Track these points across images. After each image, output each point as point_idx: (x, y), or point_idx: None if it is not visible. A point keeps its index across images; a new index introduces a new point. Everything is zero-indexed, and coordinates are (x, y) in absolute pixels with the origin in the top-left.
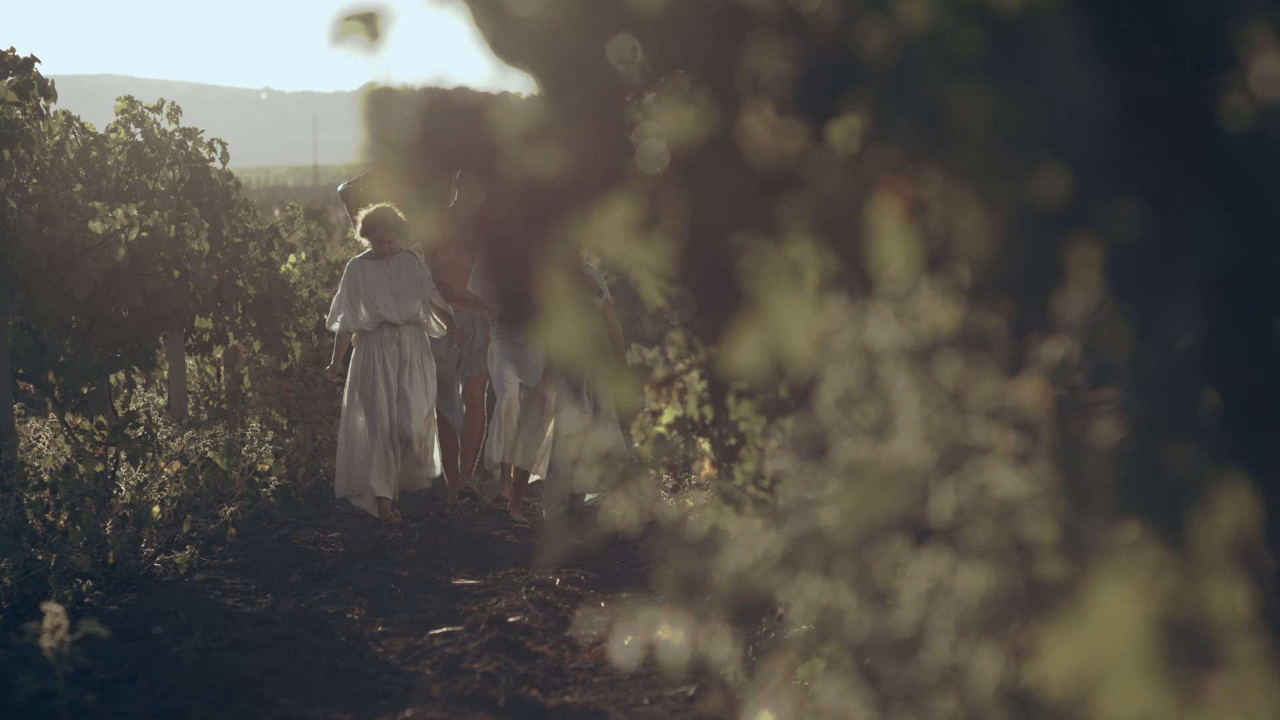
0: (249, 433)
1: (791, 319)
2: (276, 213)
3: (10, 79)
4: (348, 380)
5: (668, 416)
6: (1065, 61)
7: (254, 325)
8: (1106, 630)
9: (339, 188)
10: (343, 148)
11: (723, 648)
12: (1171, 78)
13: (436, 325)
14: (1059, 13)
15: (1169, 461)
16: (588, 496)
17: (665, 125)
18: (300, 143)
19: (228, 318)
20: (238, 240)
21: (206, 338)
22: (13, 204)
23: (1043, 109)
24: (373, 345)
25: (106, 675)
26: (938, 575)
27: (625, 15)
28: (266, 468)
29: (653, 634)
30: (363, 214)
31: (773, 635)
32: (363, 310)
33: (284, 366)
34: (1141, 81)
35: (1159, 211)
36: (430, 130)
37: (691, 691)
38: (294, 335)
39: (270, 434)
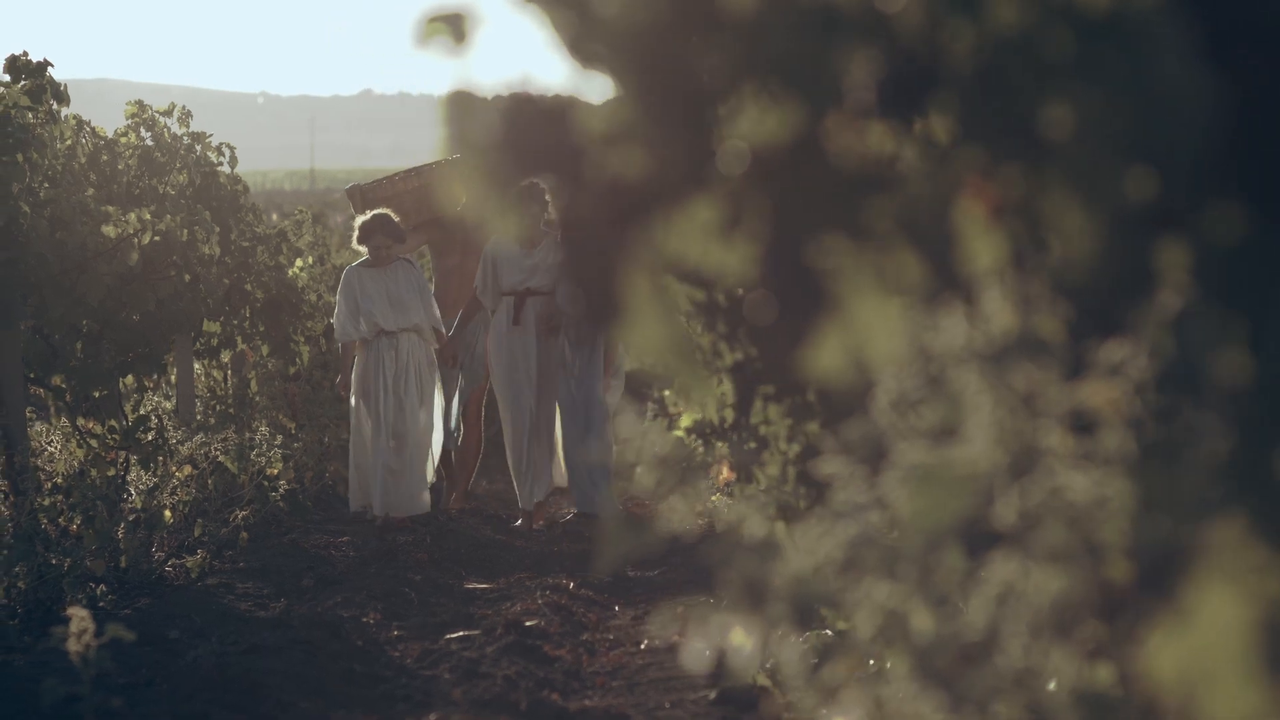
0: (258, 437)
1: (873, 321)
2: (275, 216)
3: (23, 83)
4: (353, 393)
5: (686, 420)
6: (1163, 62)
7: (262, 329)
8: (1209, 633)
9: (347, 187)
10: (339, 151)
11: (789, 651)
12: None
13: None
14: (1154, 13)
15: (1276, 466)
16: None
17: (749, 127)
18: (297, 146)
19: (235, 322)
20: (245, 244)
21: (214, 342)
22: (26, 208)
23: (1140, 110)
24: (371, 355)
25: (125, 679)
26: (1009, 578)
27: (712, 17)
28: (275, 472)
29: (722, 637)
30: (360, 220)
31: (833, 639)
32: (361, 320)
33: (291, 371)
34: (1246, 82)
35: (1263, 214)
36: (513, 133)
37: (713, 695)
38: (302, 340)
39: (280, 438)
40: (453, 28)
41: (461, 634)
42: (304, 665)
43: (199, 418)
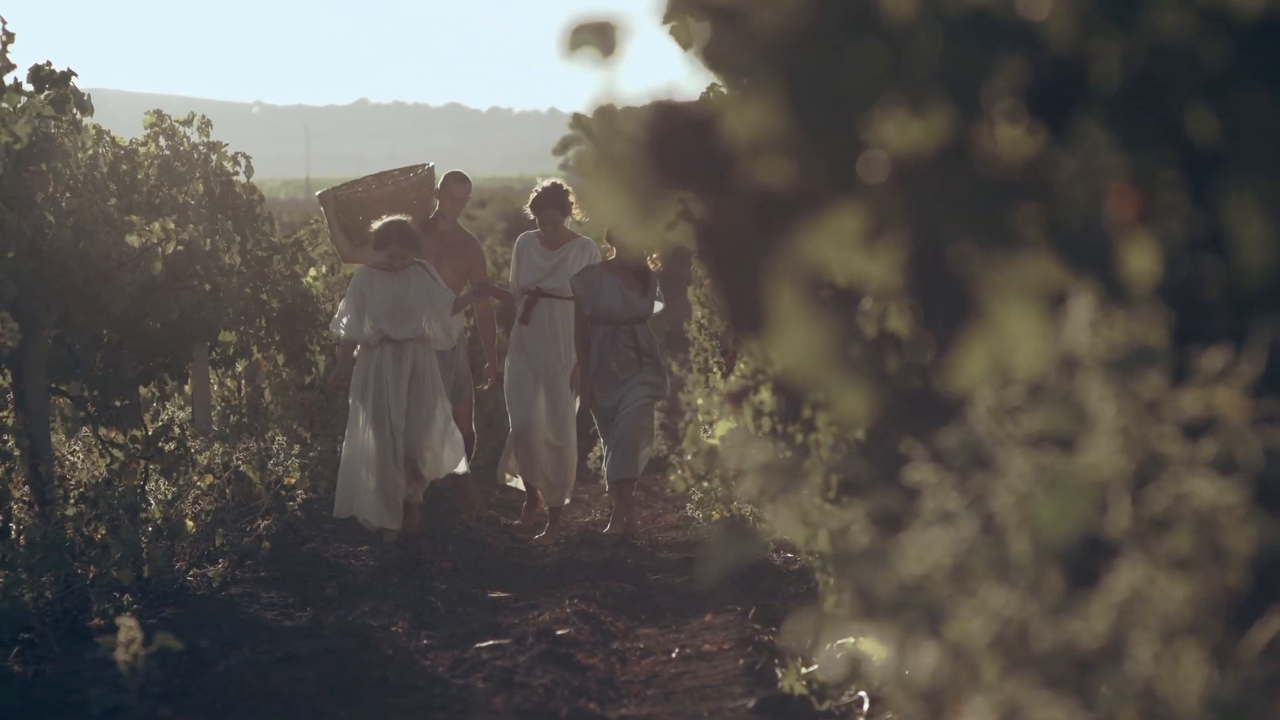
0: (275, 446)
1: (1017, 329)
2: (275, 225)
3: (47, 92)
4: (351, 396)
5: (721, 429)
6: None
7: (278, 339)
8: None
9: (318, 193)
10: (335, 160)
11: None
12: None
13: (445, 336)
14: None
15: None
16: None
17: (895, 134)
18: (292, 156)
19: (250, 331)
20: (261, 254)
21: (230, 351)
22: (50, 217)
23: None
24: (372, 362)
25: (159, 689)
26: (1134, 585)
27: (859, 25)
28: (293, 481)
29: (844, 645)
30: (378, 225)
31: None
32: (366, 323)
33: (307, 380)
34: None
35: None
36: (658, 143)
37: (751, 704)
38: (317, 349)
39: (297, 447)
40: (601, 38)
41: (491, 643)
42: (338, 675)
43: (216, 427)
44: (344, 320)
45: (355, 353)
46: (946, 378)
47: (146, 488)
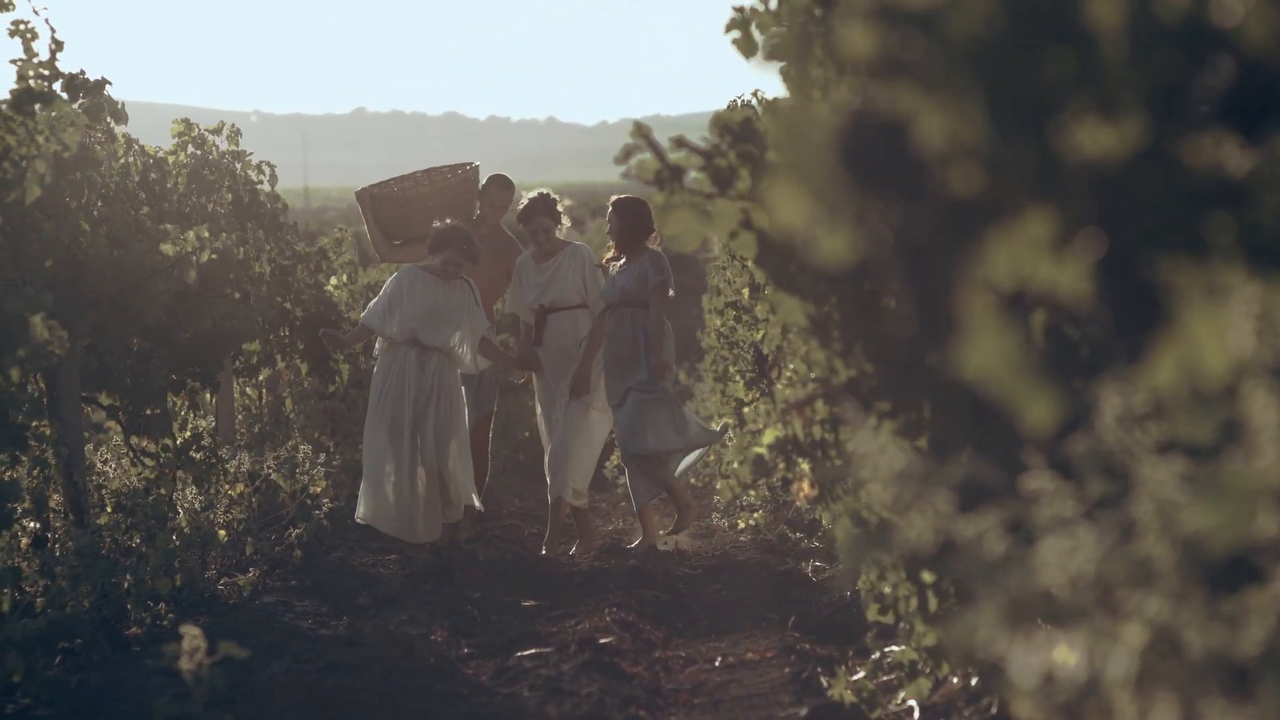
0: (300, 455)
1: (1210, 336)
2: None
3: (82, 101)
4: (370, 399)
5: (768, 437)
6: None
7: (301, 348)
8: None
9: (356, 192)
10: (333, 169)
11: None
12: None
13: (470, 359)
14: None
15: None
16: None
17: (1089, 141)
18: (291, 165)
19: (274, 339)
20: (286, 262)
21: (254, 360)
22: (85, 225)
23: None
24: (395, 364)
25: (221, 697)
26: None
27: (1056, 31)
28: (319, 490)
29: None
30: (439, 227)
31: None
32: (395, 321)
33: (330, 389)
34: None
35: None
36: (848, 149)
37: (804, 712)
38: (341, 358)
39: (322, 456)
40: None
41: (533, 651)
42: (384, 683)
43: (240, 437)
44: (375, 308)
45: (376, 350)
46: (1137, 384)
47: (174, 497)
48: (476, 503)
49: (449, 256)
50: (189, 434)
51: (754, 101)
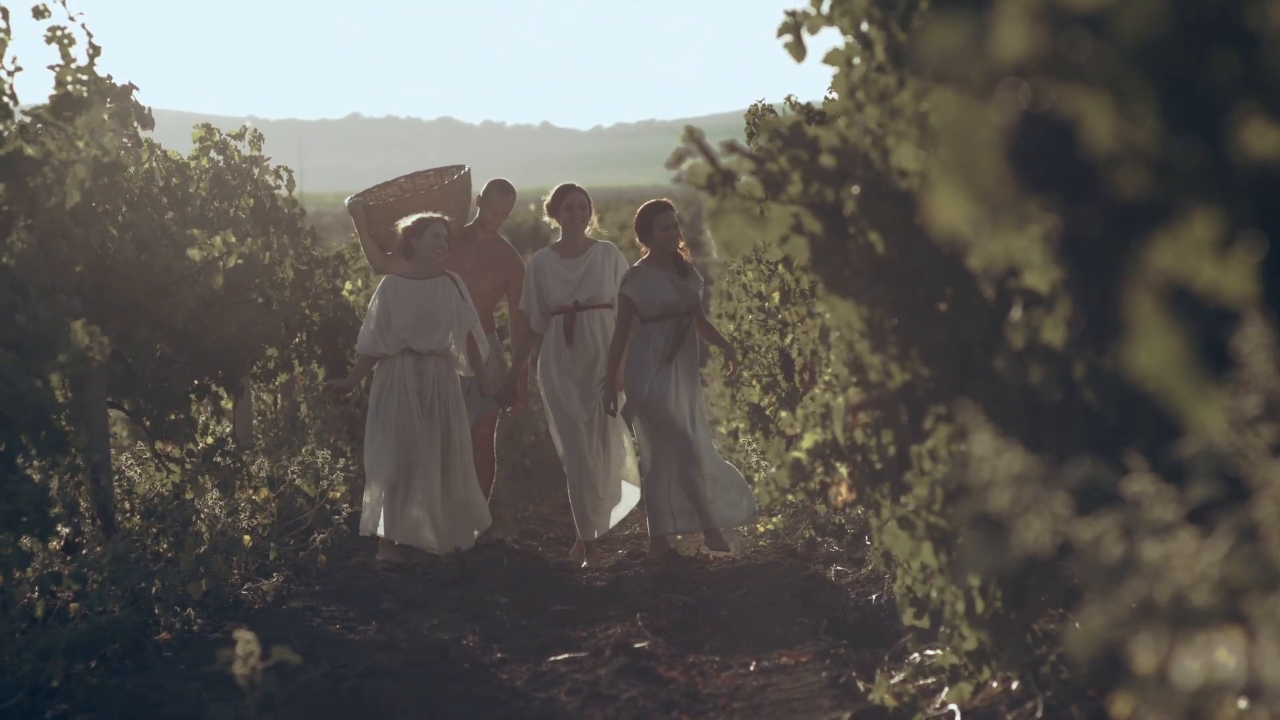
0: (320, 460)
1: None
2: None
3: (110, 106)
4: (369, 412)
5: (807, 441)
6: None
7: (319, 352)
8: None
9: (346, 200)
10: (327, 175)
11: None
12: None
13: (466, 361)
14: None
15: None
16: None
17: (1255, 142)
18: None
19: (293, 344)
20: (303, 267)
21: (272, 365)
22: (113, 230)
23: None
24: (394, 373)
25: (274, 702)
26: None
27: (1224, 31)
28: (338, 495)
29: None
30: (407, 221)
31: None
32: (387, 336)
33: (348, 394)
34: None
35: None
36: (1015, 149)
37: (846, 716)
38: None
39: (341, 460)
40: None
41: (566, 656)
42: (422, 688)
43: (258, 441)
44: (366, 333)
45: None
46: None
47: (196, 502)
48: (487, 523)
49: (430, 238)
50: (212, 439)
51: (787, 107)
